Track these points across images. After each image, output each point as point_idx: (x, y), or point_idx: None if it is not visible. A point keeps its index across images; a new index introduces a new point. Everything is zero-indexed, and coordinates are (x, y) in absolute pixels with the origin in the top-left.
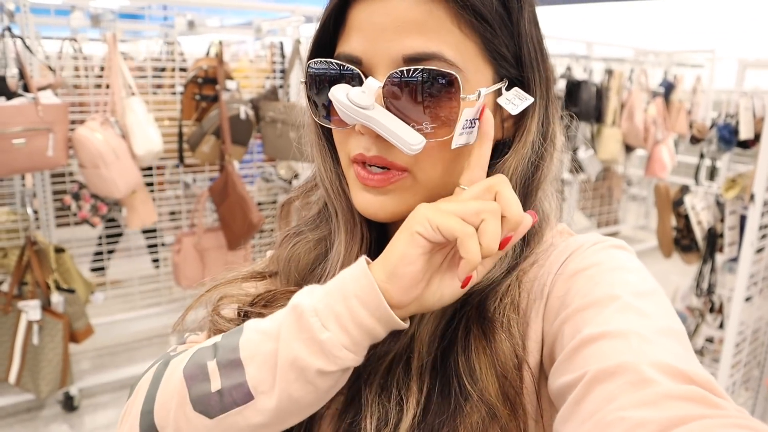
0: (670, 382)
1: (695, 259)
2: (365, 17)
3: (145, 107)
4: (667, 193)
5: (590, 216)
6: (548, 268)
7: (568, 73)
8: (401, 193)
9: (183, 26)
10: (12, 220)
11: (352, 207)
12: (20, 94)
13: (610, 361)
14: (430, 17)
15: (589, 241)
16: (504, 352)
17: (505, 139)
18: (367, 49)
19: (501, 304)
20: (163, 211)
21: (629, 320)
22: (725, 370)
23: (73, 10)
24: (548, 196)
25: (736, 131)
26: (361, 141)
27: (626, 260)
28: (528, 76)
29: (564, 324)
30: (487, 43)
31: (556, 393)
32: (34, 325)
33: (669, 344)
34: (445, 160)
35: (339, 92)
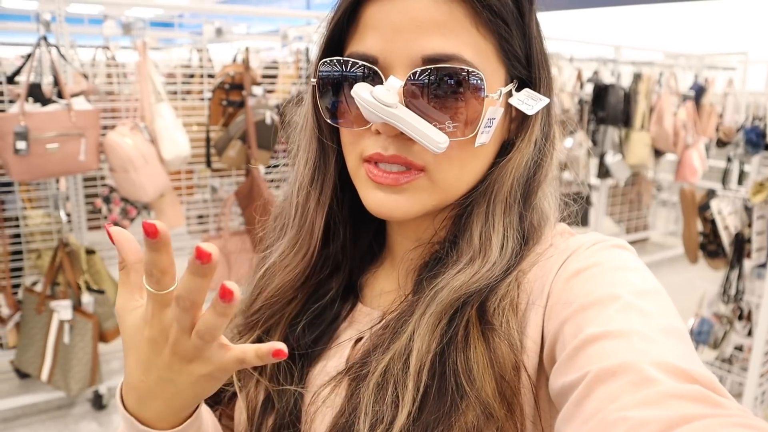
0: (673, 381)
1: (722, 264)
2: (382, 16)
3: (173, 113)
4: (693, 198)
5: (619, 222)
6: (548, 268)
7: (596, 77)
8: (416, 193)
9: (211, 33)
10: (46, 223)
11: (320, 222)
12: (54, 100)
13: (612, 360)
14: (449, 17)
15: (590, 240)
16: (502, 352)
17: (510, 139)
18: (384, 48)
19: (500, 305)
20: (192, 214)
21: (631, 319)
22: (754, 379)
23: (106, 19)
24: (547, 196)
25: (764, 134)
26: (378, 140)
27: (627, 260)
28: (536, 76)
29: (565, 324)
30: (502, 43)
31: (558, 393)
32: (66, 325)
33: (671, 343)
34: (463, 160)
35: (363, 90)
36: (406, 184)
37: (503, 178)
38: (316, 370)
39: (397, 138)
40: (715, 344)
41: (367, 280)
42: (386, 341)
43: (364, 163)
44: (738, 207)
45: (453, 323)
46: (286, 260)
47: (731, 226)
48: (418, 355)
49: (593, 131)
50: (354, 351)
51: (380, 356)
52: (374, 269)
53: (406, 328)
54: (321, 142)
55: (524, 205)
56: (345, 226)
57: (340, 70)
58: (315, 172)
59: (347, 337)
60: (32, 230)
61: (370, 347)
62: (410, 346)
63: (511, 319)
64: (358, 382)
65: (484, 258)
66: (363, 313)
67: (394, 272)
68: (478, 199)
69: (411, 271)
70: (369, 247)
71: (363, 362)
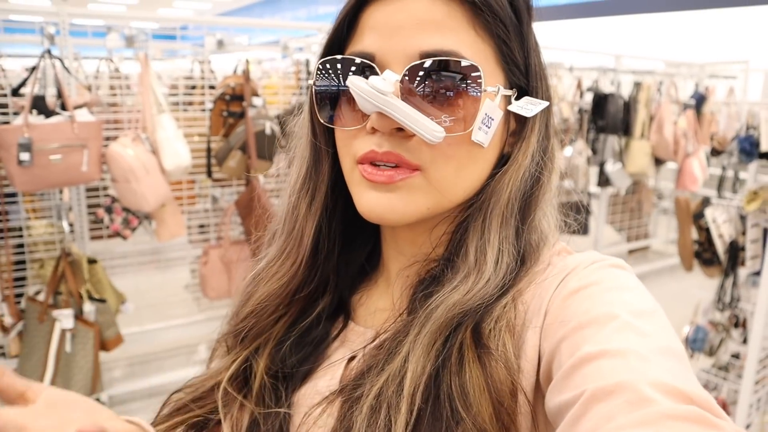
0: (669, 401)
1: (717, 272)
2: (381, 17)
3: (174, 123)
4: (688, 206)
5: (620, 230)
6: (546, 286)
7: (596, 86)
8: (411, 192)
9: (212, 45)
10: (49, 233)
11: (310, 231)
12: (58, 112)
13: (609, 380)
14: (448, 17)
15: (588, 259)
16: (499, 377)
17: (507, 152)
18: (382, 45)
19: (496, 327)
20: (193, 224)
21: (628, 339)
22: (748, 386)
23: (109, 32)
24: (547, 216)
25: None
26: (373, 138)
27: (625, 279)
28: (535, 86)
29: (562, 342)
30: (501, 47)
31: (554, 411)
32: (67, 333)
33: (668, 364)
34: (459, 159)
35: (358, 79)
36: (400, 181)
37: (500, 191)
38: (304, 390)
39: (392, 135)
40: (711, 352)
41: (360, 298)
42: (381, 362)
43: (358, 165)
44: (732, 215)
45: (447, 344)
46: (274, 268)
47: (726, 234)
48: (413, 377)
49: (593, 140)
50: (347, 370)
51: (374, 378)
52: (367, 288)
53: (401, 348)
54: (315, 147)
55: (521, 221)
56: (335, 240)
57: (337, 69)
58: (307, 178)
59: (339, 357)
60: (35, 240)
61: (364, 368)
62: (405, 367)
63: (507, 342)
64: (351, 405)
65: (479, 274)
66: (356, 333)
67: (388, 290)
68: (474, 213)
69: (406, 288)
70: (361, 266)
71: (356, 384)
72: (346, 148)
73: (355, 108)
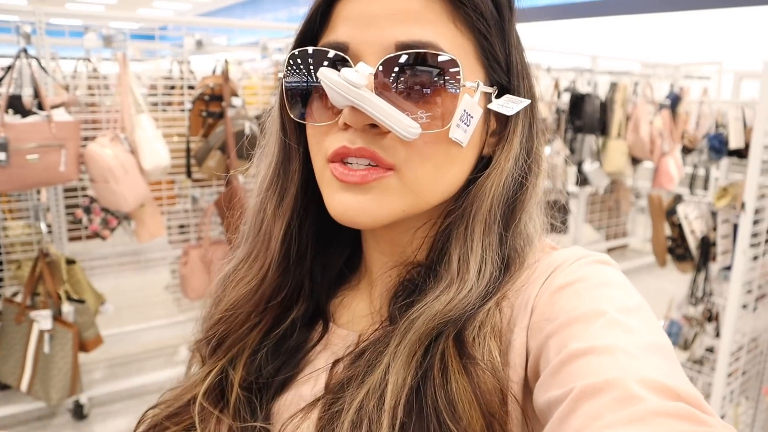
0: (657, 398)
1: (690, 268)
2: (356, 7)
3: (153, 124)
4: (660, 203)
5: (598, 228)
6: (532, 282)
7: (573, 86)
8: (384, 194)
9: (191, 46)
10: (27, 234)
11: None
12: (35, 112)
13: (597, 377)
14: (426, 9)
15: (573, 256)
16: (488, 386)
17: (487, 154)
18: (356, 35)
19: (480, 333)
20: (173, 224)
21: (616, 336)
22: (721, 379)
23: (87, 32)
24: (533, 219)
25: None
26: (345, 135)
27: (611, 275)
28: (516, 85)
29: (549, 339)
30: (482, 42)
31: (542, 408)
32: (46, 335)
33: (656, 360)
34: (436, 159)
35: (329, 71)
36: (373, 181)
37: (482, 196)
38: (285, 400)
39: (366, 132)
40: (685, 345)
41: (341, 302)
42: (361, 374)
43: (329, 164)
44: (704, 212)
45: (428, 354)
46: (242, 271)
47: (697, 230)
48: (393, 390)
49: (571, 140)
50: (332, 375)
51: (354, 391)
52: (348, 291)
53: (381, 360)
54: (284, 144)
55: (505, 227)
56: (308, 243)
57: (308, 62)
58: (275, 177)
59: (323, 361)
60: (12, 241)
61: (343, 379)
62: (386, 380)
63: (493, 348)
64: (332, 419)
65: (461, 282)
66: (339, 336)
67: (371, 293)
68: (456, 220)
69: (387, 291)
70: (340, 270)
71: (336, 397)
72: (317, 146)
73: (327, 103)
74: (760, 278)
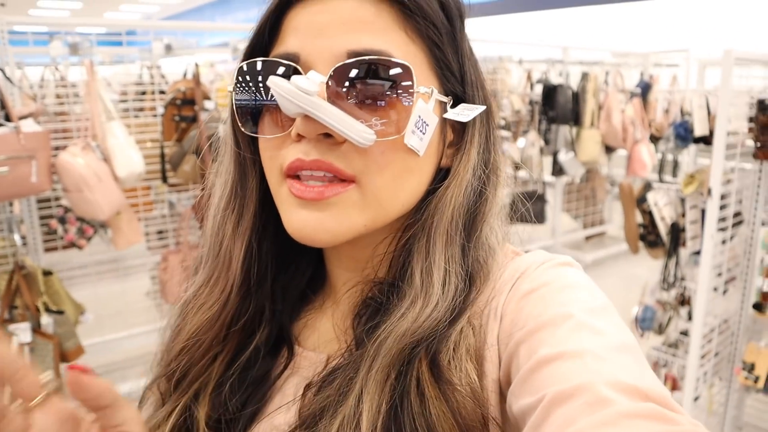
0: (627, 400)
1: (661, 254)
2: (305, 18)
3: (125, 130)
4: (631, 191)
5: (576, 217)
6: (499, 291)
7: (545, 77)
8: (344, 209)
9: (160, 50)
10: (1, 247)
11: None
12: (2, 123)
13: (568, 383)
14: (377, 18)
15: (537, 261)
16: (467, 411)
17: (445, 165)
18: (306, 45)
19: (456, 356)
20: (151, 230)
21: (582, 339)
22: (694, 361)
23: (52, 39)
24: (494, 230)
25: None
26: (299, 147)
27: (575, 277)
28: (471, 95)
29: (519, 345)
30: (434, 51)
31: (516, 415)
32: (25, 348)
33: (624, 361)
34: (393, 168)
35: (279, 79)
36: (333, 197)
37: (443, 207)
38: (259, 428)
39: (320, 142)
40: (660, 330)
41: (306, 323)
42: (332, 404)
43: (286, 180)
44: (673, 198)
45: (402, 379)
46: (203, 297)
47: (667, 216)
48: (368, 417)
49: (545, 130)
50: (303, 403)
51: (328, 422)
52: (313, 311)
53: (353, 387)
54: (239, 159)
55: (467, 238)
56: (267, 264)
57: (257, 74)
58: (232, 195)
59: (292, 387)
60: None
61: (316, 410)
62: (360, 408)
63: (470, 370)
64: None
65: (426, 297)
66: (307, 359)
67: (336, 313)
68: (417, 233)
69: (351, 311)
70: (303, 291)
71: (310, 427)
72: (271, 161)
73: (279, 117)
74: (729, 261)
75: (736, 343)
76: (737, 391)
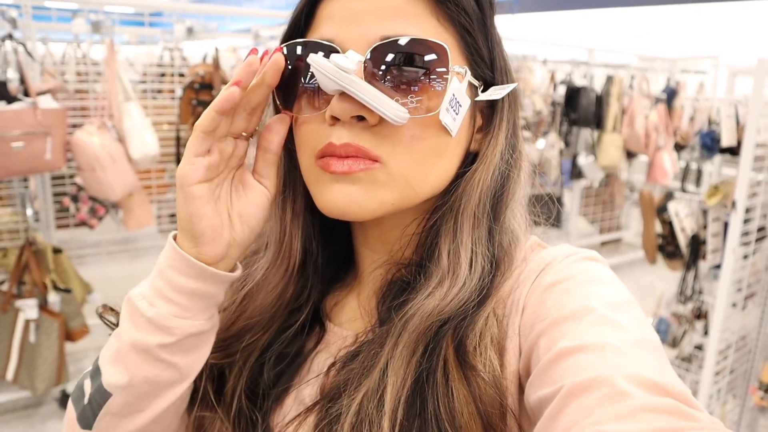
0: (646, 394)
1: (680, 265)
2: (339, 6)
3: (141, 112)
4: (651, 200)
5: (593, 222)
6: (523, 282)
7: (569, 79)
8: (371, 186)
9: (182, 32)
10: (13, 222)
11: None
12: (20, 98)
13: (586, 374)
14: (409, 5)
15: (562, 253)
16: (489, 399)
17: (474, 150)
18: (341, 31)
19: (481, 344)
20: (164, 213)
21: (604, 333)
22: (708, 377)
23: (75, 16)
24: (517, 217)
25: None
26: (333, 131)
27: (600, 272)
28: (500, 81)
29: (540, 337)
30: (465, 37)
31: (533, 406)
32: (31, 324)
33: (644, 356)
34: (423, 151)
35: (320, 57)
36: (360, 172)
37: (470, 190)
38: (286, 405)
39: (353, 126)
40: (674, 343)
41: (336, 301)
42: (357, 377)
43: (317, 161)
44: (695, 209)
45: (428, 357)
46: (268, 278)
47: (688, 227)
48: (392, 392)
49: (566, 133)
50: (327, 378)
51: (353, 394)
52: (343, 290)
53: (378, 361)
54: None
55: (494, 220)
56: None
57: (296, 56)
58: (286, 177)
59: (322, 362)
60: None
61: (340, 382)
62: (384, 381)
63: (494, 359)
64: (330, 424)
65: (453, 277)
66: (336, 335)
67: (362, 293)
68: (445, 215)
69: (377, 290)
70: (335, 271)
71: (333, 399)
72: (305, 143)
73: (316, 99)
74: (750, 277)
75: (753, 361)
76: (751, 410)
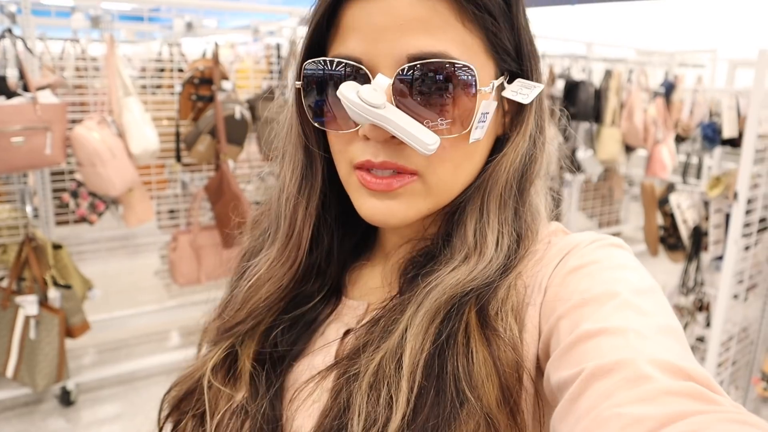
0: (668, 378)
1: (681, 257)
2: (363, 16)
3: (141, 107)
4: (653, 192)
5: (591, 216)
6: (546, 263)
7: (567, 73)
8: (410, 198)
9: (181, 28)
10: (13, 218)
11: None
12: (20, 93)
13: (608, 357)
14: (434, 14)
15: (588, 239)
16: (507, 360)
17: (504, 134)
18: (368, 50)
19: (503, 309)
20: (163, 209)
21: (627, 317)
22: (711, 369)
23: (74, 12)
24: (539, 193)
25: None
26: (368, 147)
27: (625, 258)
28: (527, 68)
29: (561, 319)
30: (491, 38)
31: (553, 388)
32: (31, 320)
33: (666, 341)
34: (456, 161)
35: (348, 91)
36: (399, 188)
37: (498, 174)
38: (298, 369)
39: (387, 143)
40: None
41: (355, 275)
42: (376, 339)
43: (356, 170)
44: (696, 201)
45: (449, 324)
46: (273, 271)
47: (690, 219)
48: (411, 354)
49: (563, 128)
50: (343, 345)
51: (371, 354)
52: (363, 265)
53: (398, 325)
54: (307, 149)
55: (520, 201)
56: (331, 232)
57: (324, 71)
58: (302, 182)
59: (334, 331)
60: None
61: (359, 344)
62: (403, 344)
63: (513, 326)
64: (348, 381)
65: (480, 255)
66: (349, 307)
67: (384, 267)
68: (472, 195)
69: (399, 265)
70: (355, 245)
71: (352, 359)
72: (341, 154)
73: (348, 117)
74: (752, 268)
75: (755, 352)
76: (753, 401)
